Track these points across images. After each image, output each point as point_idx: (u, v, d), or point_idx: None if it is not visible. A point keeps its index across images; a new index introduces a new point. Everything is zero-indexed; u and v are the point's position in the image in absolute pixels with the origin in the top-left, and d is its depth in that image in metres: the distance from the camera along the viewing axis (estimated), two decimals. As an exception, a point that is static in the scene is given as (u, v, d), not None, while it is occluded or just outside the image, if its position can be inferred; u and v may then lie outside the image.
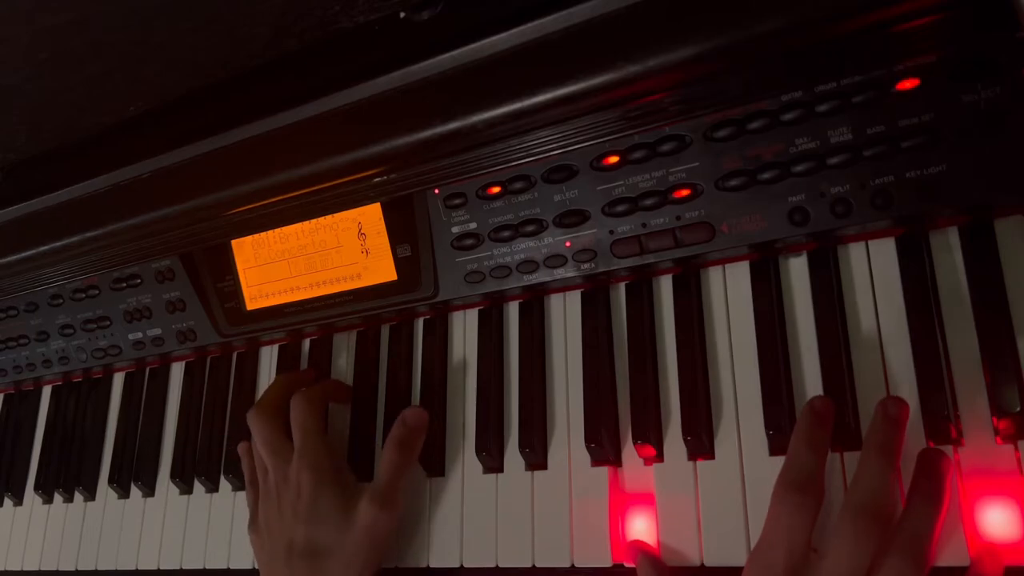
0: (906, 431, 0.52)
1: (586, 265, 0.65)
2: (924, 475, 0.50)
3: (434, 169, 0.67)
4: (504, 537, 0.65)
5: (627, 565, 0.60)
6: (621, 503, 0.62)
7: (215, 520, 0.81)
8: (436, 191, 0.69)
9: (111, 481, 0.90)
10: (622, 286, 0.67)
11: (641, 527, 0.61)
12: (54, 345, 0.94)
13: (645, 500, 0.61)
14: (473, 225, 0.68)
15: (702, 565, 0.57)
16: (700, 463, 0.59)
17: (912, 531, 0.48)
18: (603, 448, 0.62)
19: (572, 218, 0.64)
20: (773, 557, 0.49)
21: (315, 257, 0.76)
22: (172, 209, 0.74)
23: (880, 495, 0.49)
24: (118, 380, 0.95)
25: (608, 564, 0.61)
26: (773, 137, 0.57)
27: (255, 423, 0.72)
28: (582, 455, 0.64)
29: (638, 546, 0.59)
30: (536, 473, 0.66)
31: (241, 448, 0.77)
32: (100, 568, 0.88)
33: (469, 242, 0.69)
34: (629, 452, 0.63)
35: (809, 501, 0.50)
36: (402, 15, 0.60)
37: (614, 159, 0.62)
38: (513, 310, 0.72)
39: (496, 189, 0.67)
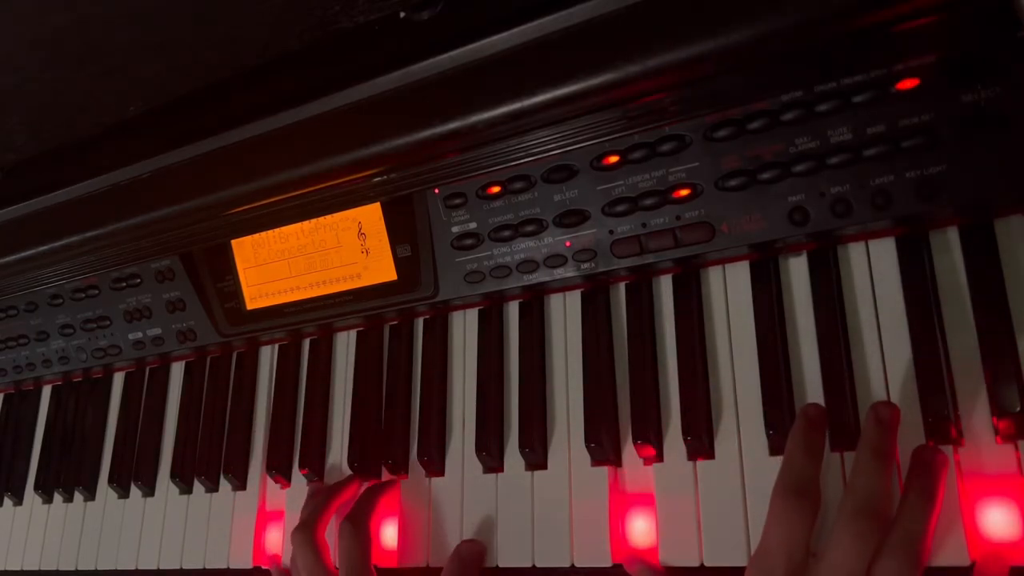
0: (897, 434, 0.52)
1: (586, 265, 0.65)
2: (918, 472, 0.50)
3: (434, 169, 0.67)
4: (504, 537, 0.65)
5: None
6: (621, 503, 0.62)
7: (215, 520, 0.81)
8: (436, 191, 0.69)
9: (111, 481, 0.90)
10: (622, 286, 0.67)
11: (641, 527, 0.61)
12: (54, 345, 0.94)
13: (645, 500, 0.61)
14: (473, 225, 0.68)
15: (702, 565, 0.57)
16: (700, 463, 0.60)
17: (906, 529, 0.48)
18: (603, 448, 0.62)
19: (572, 218, 0.64)
20: (773, 562, 0.49)
21: (315, 257, 0.76)
22: (172, 209, 0.74)
23: (876, 497, 0.49)
24: (118, 380, 0.95)
25: (608, 564, 0.60)
26: (773, 137, 0.57)
27: (299, 547, 0.68)
28: (582, 455, 0.64)
29: (637, 557, 0.59)
30: (536, 473, 0.66)
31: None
32: (100, 568, 0.88)
33: (469, 242, 0.69)
34: (629, 452, 0.63)
35: (807, 505, 0.50)
36: (402, 15, 0.60)
37: (614, 159, 0.62)
38: (513, 310, 0.72)
39: (496, 189, 0.67)
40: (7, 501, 0.99)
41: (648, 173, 0.62)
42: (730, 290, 0.63)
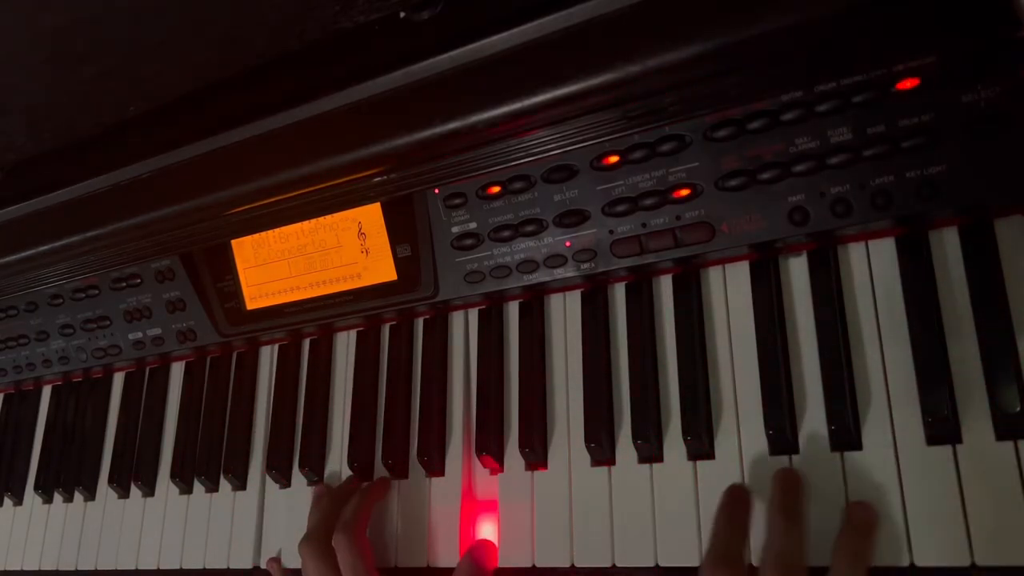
0: (803, 494, 0.55)
1: (586, 265, 0.65)
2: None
3: (434, 169, 0.67)
4: (504, 537, 0.65)
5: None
6: (621, 503, 0.62)
7: (215, 520, 0.81)
8: (436, 191, 0.69)
9: (111, 481, 0.90)
10: (622, 286, 0.67)
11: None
12: (54, 345, 0.94)
13: (645, 500, 0.61)
14: (473, 225, 0.68)
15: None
16: (700, 463, 0.59)
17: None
18: (603, 448, 0.62)
19: (572, 218, 0.64)
20: None
21: (315, 257, 0.76)
22: (172, 209, 0.74)
23: (790, 554, 0.52)
24: (118, 380, 0.95)
25: (608, 564, 0.61)
26: (773, 137, 0.57)
27: (309, 559, 0.68)
28: (582, 455, 0.64)
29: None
30: (536, 473, 0.66)
31: (271, 566, 0.76)
32: (100, 568, 0.88)
33: (469, 242, 0.69)
34: (629, 452, 0.63)
35: (733, 574, 0.52)
36: (402, 15, 0.60)
37: (614, 159, 0.62)
38: (513, 310, 0.72)
39: (496, 189, 0.67)
40: (7, 501, 0.99)
41: (648, 173, 0.62)
42: (730, 290, 0.63)
